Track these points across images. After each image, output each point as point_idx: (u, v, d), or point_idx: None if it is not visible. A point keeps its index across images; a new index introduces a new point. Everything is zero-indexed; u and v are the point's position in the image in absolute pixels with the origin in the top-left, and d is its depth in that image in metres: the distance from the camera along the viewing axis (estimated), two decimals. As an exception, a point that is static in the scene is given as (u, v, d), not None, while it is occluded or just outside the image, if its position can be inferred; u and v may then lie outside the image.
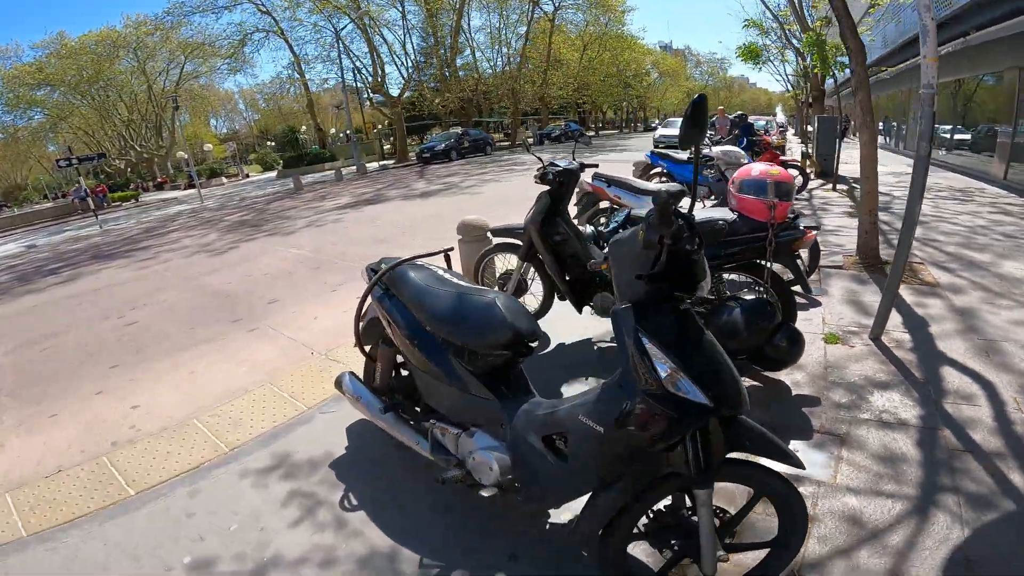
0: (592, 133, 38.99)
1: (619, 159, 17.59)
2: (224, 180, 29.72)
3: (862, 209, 4.39)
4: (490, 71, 30.57)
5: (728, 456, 1.32)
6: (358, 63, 25.08)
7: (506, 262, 3.70)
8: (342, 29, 23.10)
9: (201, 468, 2.30)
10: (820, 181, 9.31)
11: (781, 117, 32.19)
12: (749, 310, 2.40)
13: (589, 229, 3.70)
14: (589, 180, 5.01)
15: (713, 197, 5.83)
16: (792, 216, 2.49)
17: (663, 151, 7.08)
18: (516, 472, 1.53)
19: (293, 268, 6.10)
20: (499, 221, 4.02)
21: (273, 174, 29.86)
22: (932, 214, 6.44)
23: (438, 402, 1.84)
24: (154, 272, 6.89)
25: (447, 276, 1.93)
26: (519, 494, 1.56)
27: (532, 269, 3.37)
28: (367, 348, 2.22)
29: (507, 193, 11.37)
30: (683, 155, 6.83)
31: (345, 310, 4.31)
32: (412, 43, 26.97)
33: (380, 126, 33.81)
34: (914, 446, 2.16)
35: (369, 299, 2.05)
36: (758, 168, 2.54)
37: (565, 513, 1.82)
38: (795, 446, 2.20)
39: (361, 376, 2.32)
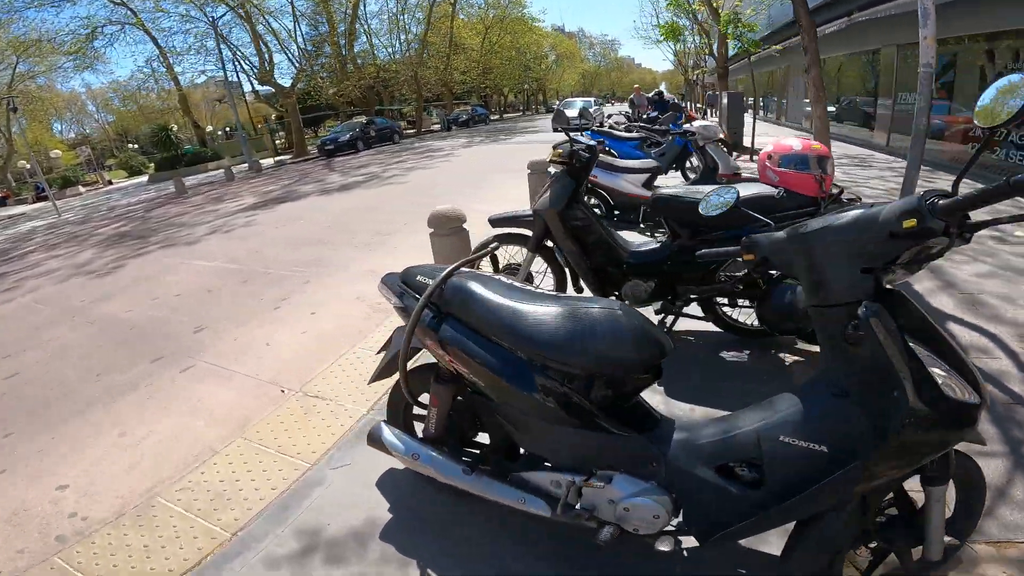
0: (496, 116, 38.82)
1: (544, 140, 17.56)
2: (82, 189, 25.37)
3: (818, 176, 4.58)
4: (389, 58, 29.06)
5: None
6: (239, 53, 22.37)
7: (507, 255, 3.31)
8: (219, 17, 20.41)
9: (205, 565, 1.70)
10: (735, 153, 9.87)
11: (666, 94, 34.49)
12: None
13: None
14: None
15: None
16: (838, 190, 2.40)
17: (604, 129, 6.98)
18: (685, 512, 1.28)
19: (212, 284, 5.16)
20: (450, 206, 3.60)
21: (144, 178, 26.09)
22: (846, 180, 7.03)
23: (546, 447, 1.46)
24: (22, 305, 5.51)
25: (517, 284, 1.54)
26: (694, 535, 1.30)
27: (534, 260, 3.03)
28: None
29: (435, 179, 10.82)
30: (624, 131, 6.78)
31: (304, 330, 3.68)
32: (301, 31, 24.61)
33: (270, 119, 30.89)
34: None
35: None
36: (798, 142, 2.43)
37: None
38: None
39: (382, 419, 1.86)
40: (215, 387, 3.00)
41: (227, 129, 35.32)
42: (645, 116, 10.49)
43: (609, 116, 11.88)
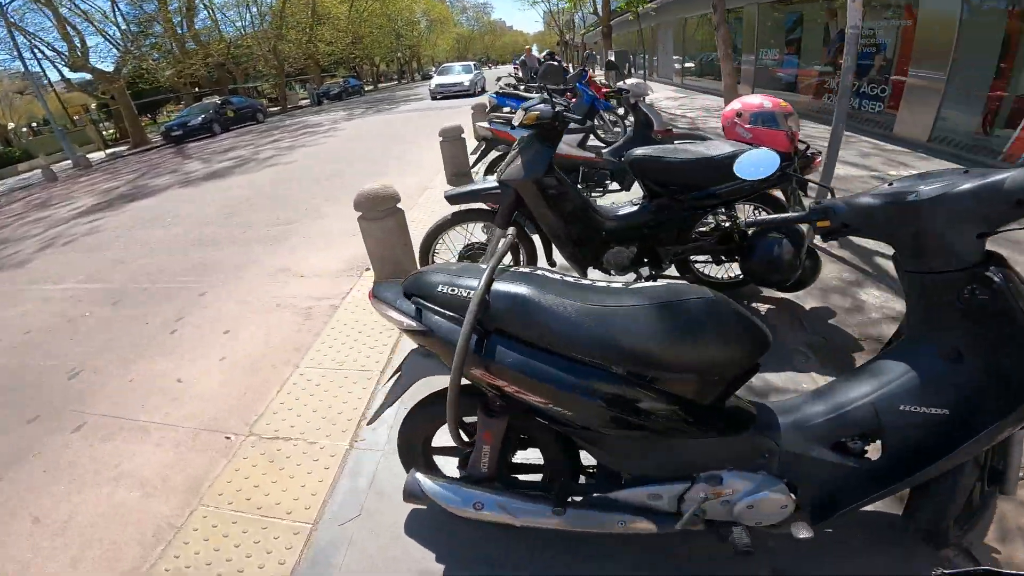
0: (371, 87, 36.48)
1: (429, 107, 16.74)
2: None
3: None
4: (239, 33, 25.53)
5: None
6: (38, 40, 17.95)
7: (468, 234, 2.99)
8: (8, 3, 16.11)
9: None
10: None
11: (536, 55, 35.25)
12: (792, 240, 2.36)
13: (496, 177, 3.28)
14: (486, 124, 4.46)
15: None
16: (804, 146, 2.46)
17: (510, 92, 6.73)
18: (800, 495, 1.23)
19: (71, 312, 4.13)
20: (379, 183, 3.21)
21: (-64, 191, 20.45)
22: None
23: (641, 463, 1.27)
24: None
25: (570, 278, 1.25)
26: (808, 515, 1.26)
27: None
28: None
29: (327, 156, 9.87)
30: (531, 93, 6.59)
31: (222, 356, 3.07)
32: (120, 11, 20.35)
33: (91, 108, 25.81)
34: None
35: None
36: (767, 100, 2.45)
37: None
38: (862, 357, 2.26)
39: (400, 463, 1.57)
40: (131, 445, 2.36)
41: (33, 124, 28.93)
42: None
43: (499, 79, 11.68)
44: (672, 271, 2.82)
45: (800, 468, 1.21)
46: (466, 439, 1.45)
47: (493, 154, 4.76)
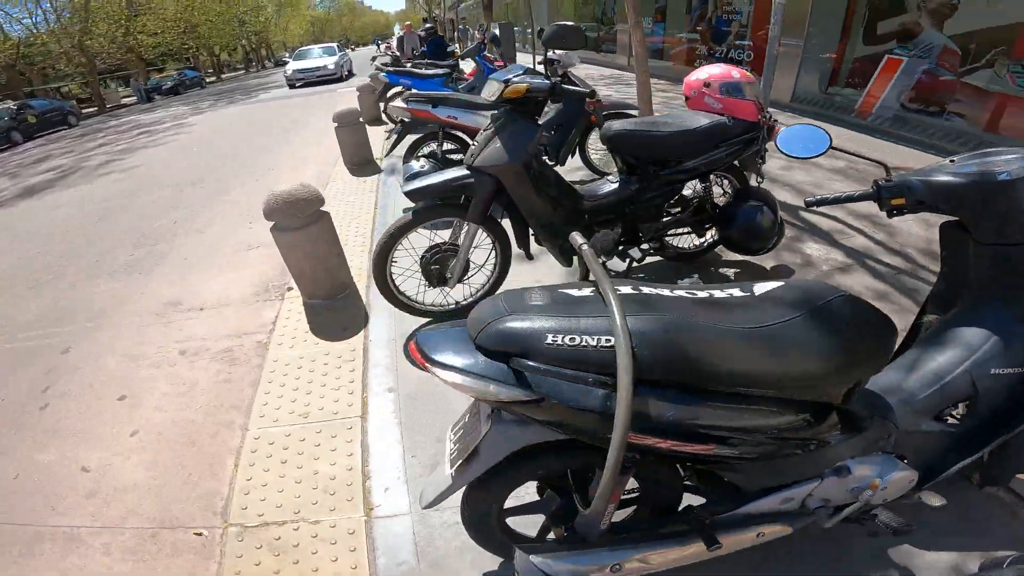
0: (213, 78, 32.16)
1: (289, 94, 15.10)
2: None
3: (640, 99, 4.92)
4: (28, 32, 20.99)
5: None
6: None
7: (431, 236, 2.60)
8: None
9: None
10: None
11: (399, 33, 33.99)
12: (771, 208, 2.40)
13: (421, 162, 3.01)
14: (403, 105, 4.03)
15: None
16: (769, 116, 2.49)
17: (404, 69, 6.24)
18: (912, 466, 1.26)
19: None
20: (297, 184, 2.76)
21: None
22: (627, 93, 7.83)
23: (778, 477, 1.18)
24: None
25: (684, 293, 1.03)
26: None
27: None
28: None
29: (181, 156, 8.49)
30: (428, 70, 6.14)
31: (133, 430, 2.39)
32: None
33: None
34: (880, 276, 2.63)
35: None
36: (734, 71, 2.43)
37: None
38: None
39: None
40: (71, 559, 1.71)
41: None
42: (418, 53, 9.96)
43: (373, 59, 10.98)
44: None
45: (911, 442, 1.25)
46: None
47: (410, 137, 4.35)
